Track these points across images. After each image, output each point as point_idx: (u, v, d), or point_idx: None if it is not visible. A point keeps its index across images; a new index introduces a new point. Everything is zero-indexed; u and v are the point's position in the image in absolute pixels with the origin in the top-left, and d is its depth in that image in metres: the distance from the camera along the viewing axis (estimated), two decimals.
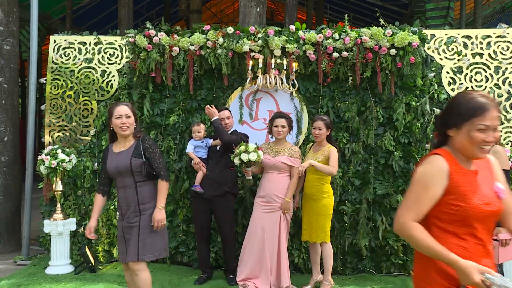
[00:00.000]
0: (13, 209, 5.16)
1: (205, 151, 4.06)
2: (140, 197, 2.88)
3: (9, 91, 5.15)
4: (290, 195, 3.74)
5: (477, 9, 8.73)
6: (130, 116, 2.88)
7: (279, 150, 3.80)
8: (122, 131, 2.88)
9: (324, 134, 3.74)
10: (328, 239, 3.71)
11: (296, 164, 3.76)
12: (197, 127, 4.09)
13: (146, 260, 2.85)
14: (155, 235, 2.88)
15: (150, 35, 4.28)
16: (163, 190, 2.90)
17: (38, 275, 4.16)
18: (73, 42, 4.69)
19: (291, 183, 3.76)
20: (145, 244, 2.84)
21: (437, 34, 4.24)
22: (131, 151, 2.90)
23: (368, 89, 4.22)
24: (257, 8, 5.12)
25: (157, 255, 2.91)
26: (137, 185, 2.90)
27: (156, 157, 2.90)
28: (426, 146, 4.14)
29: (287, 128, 3.80)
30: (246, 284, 3.80)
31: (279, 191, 3.75)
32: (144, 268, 2.87)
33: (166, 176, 2.93)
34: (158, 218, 2.85)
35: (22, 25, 7.61)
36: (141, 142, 2.92)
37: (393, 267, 4.21)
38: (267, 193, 3.76)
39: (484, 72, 4.17)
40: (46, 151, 4.27)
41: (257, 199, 3.86)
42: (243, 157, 3.64)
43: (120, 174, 2.89)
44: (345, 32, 4.09)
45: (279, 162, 3.75)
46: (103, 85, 4.61)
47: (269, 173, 3.82)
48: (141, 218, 2.86)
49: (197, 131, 4.06)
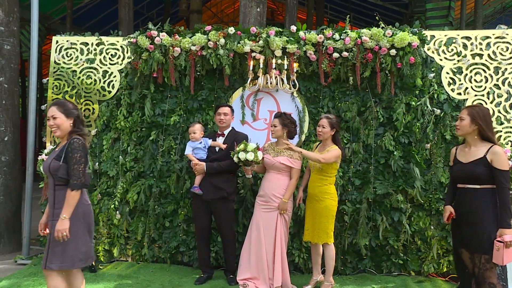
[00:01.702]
0: (13, 209, 5.17)
1: (204, 152, 4.02)
2: (56, 200, 2.74)
3: (10, 91, 5.17)
4: (288, 196, 3.75)
5: (478, 9, 8.72)
6: (56, 117, 2.75)
7: (280, 150, 3.82)
8: (53, 133, 2.81)
9: (328, 133, 3.71)
10: (331, 240, 3.72)
11: (295, 165, 3.78)
12: (192, 128, 4.03)
13: (54, 269, 2.67)
14: (68, 243, 2.68)
15: (152, 35, 4.31)
16: (69, 200, 2.67)
17: (39, 275, 4.17)
18: (75, 43, 4.71)
19: (290, 184, 3.78)
20: (54, 251, 2.69)
21: (437, 35, 4.26)
22: (57, 152, 2.78)
23: (368, 89, 4.24)
24: (257, 8, 5.14)
25: (68, 266, 2.71)
26: (56, 188, 2.75)
27: (73, 162, 2.68)
28: (426, 146, 4.17)
29: (279, 127, 3.82)
30: (246, 284, 3.82)
31: (278, 191, 3.77)
32: (52, 276, 2.70)
33: (76, 185, 2.68)
34: (57, 228, 2.64)
35: (23, 25, 7.63)
36: (68, 145, 2.74)
37: (393, 267, 4.24)
38: (266, 192, 3.80)
39: (483, 72, 4.20)
40: (46, 151, 4.29)
41: (257, 198, 3.90)
42: (241, 156, 3.69)
43: (46, 173, 2.82)
44: (345, 33, 4.11)
45: (278, 163, 3.77)
46: (105, 86, 4.63)
47: (269, 172, 3.85)
48: (53, 223, 2.70)
49: (192, 132, 4.01)
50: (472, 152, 2.97)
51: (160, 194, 4.49)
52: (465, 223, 2.95)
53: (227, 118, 4.01)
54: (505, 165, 2.84)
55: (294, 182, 3.79)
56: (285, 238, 3.84)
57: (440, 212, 4.13)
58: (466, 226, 2.95)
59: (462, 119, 2.99)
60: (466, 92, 4.19)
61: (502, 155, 2.85)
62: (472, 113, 2.95)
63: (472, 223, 2.90)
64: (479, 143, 2.96)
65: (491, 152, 2.88)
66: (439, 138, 4.18)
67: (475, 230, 2.87)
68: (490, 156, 2.87)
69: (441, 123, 4.18)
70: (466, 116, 2.97)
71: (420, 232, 4.18)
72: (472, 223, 2.90)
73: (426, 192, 4.18)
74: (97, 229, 4.52)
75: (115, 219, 4.46)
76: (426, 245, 4.19)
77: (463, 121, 2.98)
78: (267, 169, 3.87)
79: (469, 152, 2.99)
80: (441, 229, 4.16)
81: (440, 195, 4.14)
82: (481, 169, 2.88)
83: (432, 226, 4.17)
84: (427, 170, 4.19)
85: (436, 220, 4.18)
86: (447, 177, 4.11)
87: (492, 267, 2.84)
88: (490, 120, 2.97)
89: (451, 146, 4.09)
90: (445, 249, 4.16)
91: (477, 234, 2.86)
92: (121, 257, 4.58)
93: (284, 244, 3.82)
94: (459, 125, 3.02)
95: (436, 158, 4.15)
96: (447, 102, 4.19)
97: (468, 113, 2.97)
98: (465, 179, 2.98)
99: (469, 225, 2.92)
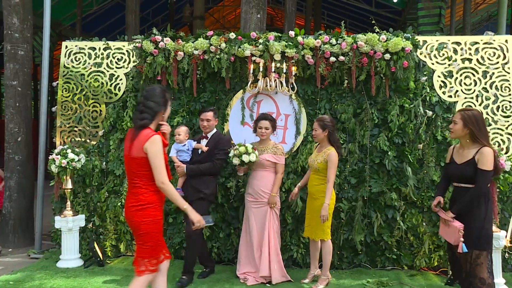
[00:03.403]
0: (26, 206, 5.16)
1: (188, 154, 3.90)
2: None
3: (23, 94, 5.15)
4: (275, 190, 3.79)
5: (466, 17, 8.76)
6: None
7: (263, 148, 3.84)
8: None
9: (321, 135, 3.66)
10: (327, 237, 3.67)
11: (279, 161, 3.81)
12: (177, 130, 3.93)
13: None
14: None
15: (156, 40, 4.27)
16: None
17: (50, 268, 4.17)
18: (83, 48, 4.68)
19: (277, 179, 3.81)
20: None
21: (429, 40, 4.22)
22: None
23: (364, 91, 4.21)
24: (257, 15, 5.11)
25: None
26: None
27: None
28: (419, 146, 4.14)
29: (270, 129, 3.84)
30: (246, 278, 3.80)
31: (266, 187, 3.79)
32: None
33: None
34: None
35: (35, 31, 7.61)
36: None
37: (387, 262, 4.21)
38: (254, 189, 3.82)
39: (472, 76, 4.16)
40: (56, 151, 4.27)
41: (246, 195, 3.92)
42: (245, 159, 3.66)
43: None
44: (341, 38, 4.08)
45: (264, 160, 3.78)
46: (111, 88, 4.60)
47: (255, 170, 3.86)
48: None
49: (177, 134, 3.91)
50: (464, 154, 2.97)
51: None
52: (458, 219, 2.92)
53: (210, 123, 3.88)
54: (487, 165, 2.82)
55: (280, 176, 3.82)
56: (276, 232, 3.84)
57: (432, 209, 4.10)
58: None
59: (455, 122, 2.98)
60: (457, 95, 4.15)
61: (487, 156, 2.82)
62: (465, 117, 2.92)
63: (467, 221, 2.87)
64: (471, 146, 2.93)
65: (479, 153, 2.86)
66: (431, 138, 4.14)
67: (466, 227, 2.84)
68: (477, 156, 2.86)
69: (433, 124, 4.14)
70: (459, 120, 2.95)
71: (412, 229, 4.15)
72: (467, 222, 2.87)
73: (419, 190, 4.14)
74: (104, 225, 4.49)
75: (122, 216, 4.44)
76: (418, 240, 4.16)
77: (456, 125, 2.96)
78: (253, 168, 3.86)
79: (462, 153, 2.99)
80: (433, 226, 4.13)
81: (432, 193, 4.10)
82: (471, 170, 2.87)
83: (424, 222, 4.14)
84: (419, 169, 4.16)
85: (428, 217, 4.15)
86: (438, 175, 4.08)
87: (482, 262, 2.82)
88: (482, 124, 2.91)
89: (443, 147, 4.09)
90: (436, 244, 4.13)
91: (468, 230, 2.83)
92: (127, 252, 4.56)
93: (276, 236, 3.82)
94: (452, 128, 3.01)
95: (428, 157, 4.12)
96: (439, 104, 4.15)
97: (460, 117, 2.95)
98: (459, 179, 3.00)
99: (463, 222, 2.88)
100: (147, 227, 2.51)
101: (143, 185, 2.52)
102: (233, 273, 3.98)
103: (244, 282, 3.80)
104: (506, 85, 4.11)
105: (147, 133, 2.48)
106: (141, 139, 2.48)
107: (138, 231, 2.54)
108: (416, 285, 3.80)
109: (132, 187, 2.57)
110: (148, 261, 2.53)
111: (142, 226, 2.51)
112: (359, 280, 3.90)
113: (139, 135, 2.50)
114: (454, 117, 3.03)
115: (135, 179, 2.54)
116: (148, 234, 2.52)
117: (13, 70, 5.09)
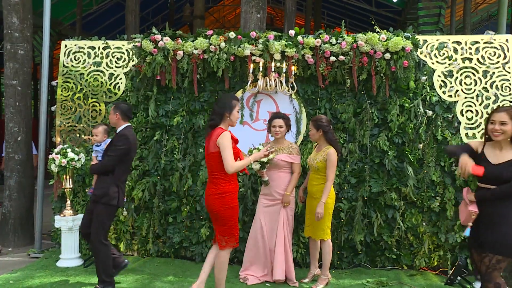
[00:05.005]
0: (26, 205, 5.14)
1: None
2: None
3: (23, 93, 5.13)
4: (290, 189, 3.73)
5: (466, 17, 8.73)
6: None
7: (279, 148, 3.77)
8: None
9: (315, 135, 3.65)
10: (327, 237, 3.66)
11: (295, 160, 3.75)
12: (94, 130, 3.88)
13: None
14: None
15: (156, 39, 4.26)
16: None
17: (50, 267, 4.15)
18: (82, 47, 4.66)
19: (293, 178, 3.75)
20: None
21: (429, 40, 4.21)
22: None
23: (364, 91, 4.19)
24: (257, 14, 5.09)
25: None
26: None
27: None
28: (419, 146, 4.12)
29: (284, 127, 3.78)
30: (246, 278, 3.79)
31: (281, 187, 3.74)
32: None
33: None
34: None
35: (35, 31, 7.59)
36: None
37: (387, 261, 4.19)
38: (270, 190, 3.76)
39: (473, 76, 4.14)
40: (56, 150, 4.25)
41: (261, 196, 3.86)
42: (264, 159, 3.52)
43: None
44: (341, 37, 4.06)
45: (279, 160, 3.72)
46: (111, 87, 4.58)
47: (271, 171, 3.78)
48: None
49: (94, 135, 3.87)
50: (503, 154, 2.70)
51: (164, 191, 4.44)
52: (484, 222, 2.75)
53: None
54: None
55: (296, 176, 3.76)
56: (289, 232, 3.79)
57: (432, 209, 4.09)
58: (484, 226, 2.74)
59: (504, 123, 2.65)
60: (457, 94, 4.14)
61: None
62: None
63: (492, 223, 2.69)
64: (508, 146, 2.71)
65: None
66: (431, 138, 4.13)
67: (494, 230, 2.67)
68: None
69: (433, 124, 4.13)
70: (509, 120, 2.64)
71: (412, 228, 4.14)
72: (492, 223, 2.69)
73: (419, 190, 4.13)
74: None
75: (122, 215, 4.42)
76: (418, 240, 4.15)
77: (507, 125, 2.64)
78: (268, 168, 3.82)
79: (500, 154, 2.71)
80: (433, 226, 4.11)
81: (432, 193, 4.09)
82: (510, 172, 2.64)
83: (424, 222, 4.13)
84: (419, 169, 4.14)
85: (428, 217, 4.13)
86: (438, 175, 4.07)
87: (501, 267, 2.67)
88: None
89: (443, 146, 4.07)
90: (436, 244, 4.12)
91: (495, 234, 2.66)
92: (127, 252, 4.54)
93: (288, 237, 3.76)
94: (501, 129, 2.65)
95: (428, 157, 4.10)
96: (439, 104, 4.14)
97: (510, 117, 2.65)
98: (490, 180, 2.71)
99: (488, 224, 2.71)
100: (226, 212, 3.06)
101: (221, 175, 3.05)
102: (233, 273, 3.96)
103: (244, 282, 3.78)
104: (507, 85, 4.09)
105: (218, 131, 3.06)
106: (214, 136, 3.06)
107: (218, 216, 3.07)
108: (416, 285, 3.79)
109: (212, 178, 3.11)
110: (228, 238, 3.10)
111: (223, 212, 3.05)
112: (359, 280, 3.89)
113: (212, 134, 3.09)
114: (497, 117, 2.68)
115: (214, 171, 3.08)
116: (227, 218, 3.07)
117: (13, 69, 5.07)
